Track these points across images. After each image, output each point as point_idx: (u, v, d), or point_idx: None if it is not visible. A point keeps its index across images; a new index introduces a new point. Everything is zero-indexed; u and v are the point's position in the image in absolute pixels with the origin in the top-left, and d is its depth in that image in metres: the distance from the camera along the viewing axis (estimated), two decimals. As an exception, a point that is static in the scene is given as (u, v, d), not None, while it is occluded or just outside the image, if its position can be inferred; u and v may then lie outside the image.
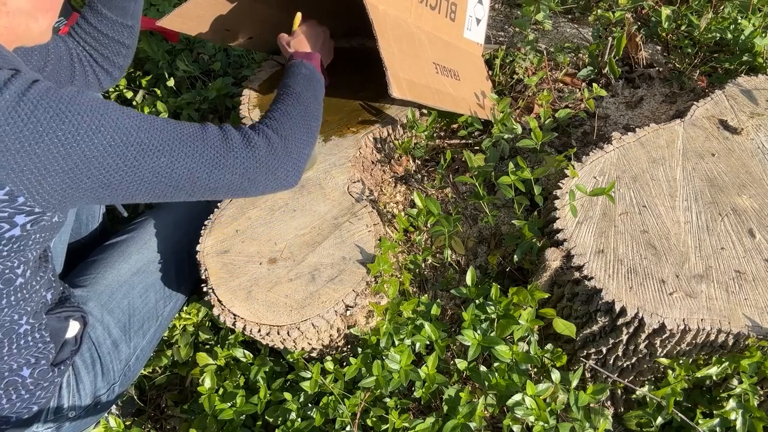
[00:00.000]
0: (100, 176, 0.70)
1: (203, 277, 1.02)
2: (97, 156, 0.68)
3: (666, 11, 1.54)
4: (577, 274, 0.96)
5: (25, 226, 0.69)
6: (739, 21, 1.49)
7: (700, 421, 0.94)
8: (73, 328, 0.93)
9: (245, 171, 0.83)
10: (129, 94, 1.78)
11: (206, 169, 0.78)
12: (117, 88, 1.80)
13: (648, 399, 1.00)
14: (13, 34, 0.74)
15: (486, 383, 0.91)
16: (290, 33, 1.19)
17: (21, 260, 0.75)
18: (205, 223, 1.11)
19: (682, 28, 1.61)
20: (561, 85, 1.53)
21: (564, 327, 0.91)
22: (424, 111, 1.34)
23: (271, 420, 1.02)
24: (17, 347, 0.82)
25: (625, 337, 0.96)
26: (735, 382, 0.96)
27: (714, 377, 0.94)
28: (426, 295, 1.10)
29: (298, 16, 1.22)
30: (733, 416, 0.90)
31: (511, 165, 1.06)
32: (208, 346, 1.24)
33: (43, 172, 0.65)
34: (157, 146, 0.73)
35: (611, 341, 0.98)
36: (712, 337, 0.91)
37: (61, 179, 0.67)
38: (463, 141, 1.39)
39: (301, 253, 1.04)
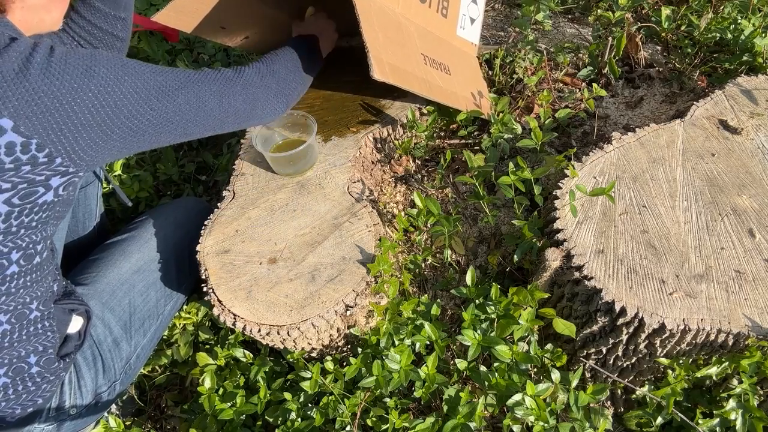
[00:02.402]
0: (130, 124, 0.74)
1: (203, 277, 1.02)
2: (126, 104, 0.72)
3: (666, 11, 1.54)
4: (577, 274, 0.96)
5: (57, 189, 0.73)
6: (739, 21, 1.49)
7: (700, 421, 0.94)
8: (76, 323, 0.93)
9: (246, 95, 0.92)
10: (129, 94, 1.77)
11: (217, 99, 0.86)
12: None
13: (648, 399, 1.00)
14: (27, 26, 0.77)
15: (486, 383, 0.91)
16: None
17: (42, 235, 0.78)
18: (205, 223, 1.11)
19: (682, 28, 1.61)
20: (561, 85, 1.53)
21: (564, 327, 0.91)
22: (424, 111, 1.34)
23: (271, 420, 1.02)
24: (27, 334, 0.83)
25: (625, 337, 0.96)
26: (735, 382, 0.96)
27: (714, 377, 0.94)
28: (426, 295, 1.10)
29: (310, 10, 1.32)
30: (733, 416, 0.90)
31: (511, 165, 1.06)
32: (208, 346, 1.24)
33: (79, 128, 0.68)
34: (174, 86, 0.79)
35: (611, 341, 0.98)
36: (712, 337, 0.91)
37: (95, 133, 0.70)
38: (463, 141, 1.39)
39: (301, 253, 1.04)
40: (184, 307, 1.23)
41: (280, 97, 1.01)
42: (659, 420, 0.98)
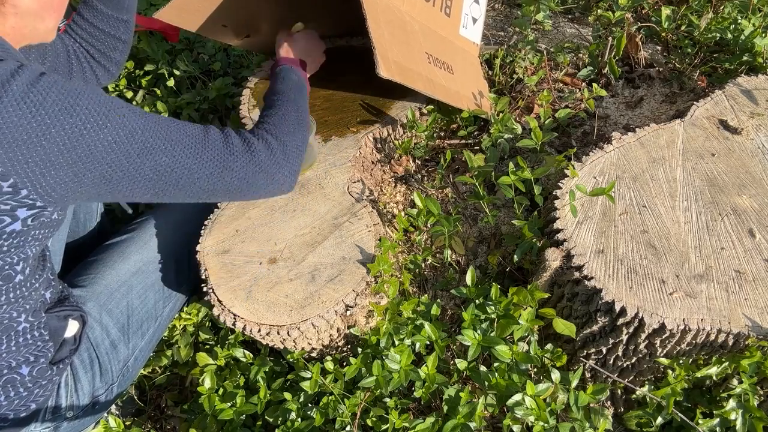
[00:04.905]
0: (103, 171, 0.70)
1: (203, 277, 1.02)
2: (101, 150, 0.69)
3: (666, 11, 1.54)
4: (577, 274, 0.96)
5: (26, 220, 0.69)
6: (739, 21, 1.49)
7: (700, 421, 0.94)
8: (72, 327, 0.93)
9: (245, 175, 0.83)
10: (129, 94, 1.78)
11: (207, 170, 0.79)
12: (117, 88, 1.80)
13: (648, 399, 1.00)
14: (20, 34, 0.75)
15: (486, 383, 0.91)
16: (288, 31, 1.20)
17: (21, 257, 0.75)
18: (205, 223, 1.11)
19: (682, 28, 1.61)
20: (561, 85, 1.53)
21: (564, 327, 0.91)
22: (424, 111, 1.34)
23: (271, 420, 1.02)
24: (16, 345, 0.82)
25: (625, 337, 0.96)
26: (735, 382, 0.96)
27: (714, 377, 0.94)
28: (426, 295, 1.10)
29: (299, 25, 1.26)
30: (733, 416, 0.90)
31: (511, 165, 1.06)
32: (208, 346, 1.24)
33: (48, 165, 0.65)
34: (160, 146, 0.74)
35: (611, 341, 0.98)
36: (712, 337, 0.91)
37: (65, 172, 0.67)
38: (463, 141, 1.39)
39: (301, 253, 1.04)
40: (185, 308, 1.23)
41: (289, 175, 0.89)
42: (659, 420, 0.98)
